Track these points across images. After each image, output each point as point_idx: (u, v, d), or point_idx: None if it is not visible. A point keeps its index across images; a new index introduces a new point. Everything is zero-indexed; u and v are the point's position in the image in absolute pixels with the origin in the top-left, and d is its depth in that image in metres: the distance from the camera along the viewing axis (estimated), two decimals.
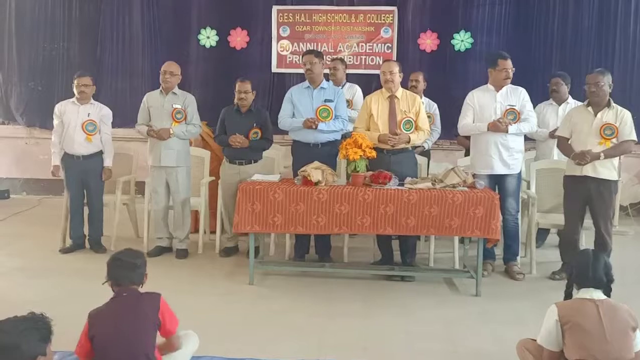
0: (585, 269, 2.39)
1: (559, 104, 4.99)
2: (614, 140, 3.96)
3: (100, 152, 4.72)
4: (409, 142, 4.20)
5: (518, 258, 4.39)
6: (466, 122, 4.33)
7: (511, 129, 4.15)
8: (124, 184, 5.00)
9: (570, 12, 6.57)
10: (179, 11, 6.94)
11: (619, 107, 4.01)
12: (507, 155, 4.21)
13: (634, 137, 3.98)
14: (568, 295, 2.53)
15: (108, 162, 4.75)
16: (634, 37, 6.55)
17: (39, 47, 7.07)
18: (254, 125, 4.60)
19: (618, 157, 4.11)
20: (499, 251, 4.47)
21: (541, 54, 6.49)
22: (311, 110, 4.35)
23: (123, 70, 7.03)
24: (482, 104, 4.28)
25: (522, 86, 4.37)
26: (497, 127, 4.15)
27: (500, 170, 4.23)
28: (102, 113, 4.72)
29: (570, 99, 5.03)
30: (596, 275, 2.37)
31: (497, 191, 4.28)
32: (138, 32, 6.97)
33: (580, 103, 4.93)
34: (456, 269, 4.43)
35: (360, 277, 4.22)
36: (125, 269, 2.42)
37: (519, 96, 4.28)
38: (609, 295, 2.41)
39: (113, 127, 4.92)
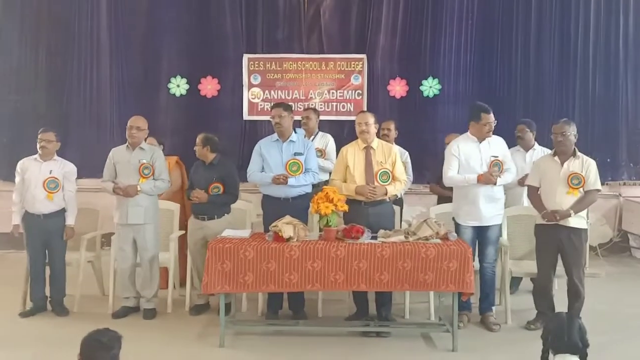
0: (561, 334, 2.36)
1: (526, 150, 5.07)
2: (581, 189, 4.03)
3: (63, 210, 4.56)
4: (386, 194, 4.18)
5: (494, 308, 4.36)
6: (453, 174, 4.28)
7: (499, 181, 4.17)
8: (88, 241, 4.84)
9: (531, 57, 6.77)
10: (148, 60, 6.91)
11: (585, 157, 4.11)
12: (492, 207, 4.22)
13: (598, 186, 4.07)
14: None
15: (70, 220, 4.58)
16: (593, 80, 6.75)
17: (4, 98, 6.92)
18: (214, 179, 4.52)
19: None
20: (474, 299, 4.43)
21: (505, 99, 6.65)
22: (281, 164, 4.31)
23: (91, 121, 6.91)
24: (467, 154, 4.26)
25: None
26: (488, 179, 4.15)
27: (486, 222, 4.23)
28: (65, 170, 4.58)
29: (536, 145, 5.13)
30: (571, 340, 2.35)
31: (477, 240, 4.29)
32: (106, 82, 6.89)
33: (546, 149, 5.07)
34: (432, 322, 4.37)
35: (336, 334, 4.11)
36: (101, 350, 2.33)
37: (500, 146, 4.30)
38: None
39: (80, 178, 4.79)
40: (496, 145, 4.29)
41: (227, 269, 3.80)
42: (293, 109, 6.67)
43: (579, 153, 4.10)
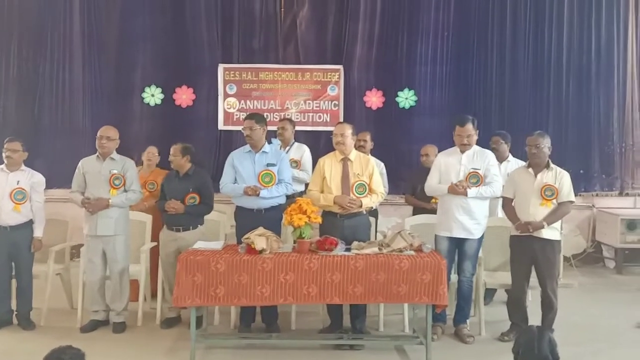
0: (531, 348, 2.35)
1: (500, 162, 5.09)
2: (554, 201, 4.05)
3: (30, 222, 4.44)
4: (361, 206, 4.15)
5: (468, 320, 4.35)
6: (431, 183, 4.33)
7: (470, 193, 4.13)
8: (57, 252, 4.71)
9: (507, 70, 6.85)
10: (122, 69, 6.82)
11: (558, 169, 4.13)
12: (467, 219, 4.17)
13: (572, 198, 4.10)
14: None
15: (38, 232, 4.45)
16: (567, 93, 6.85)
17: None
18: (190, 190, 4.45)
19: None
20: (449, 310, 4.40)
21: (481, 111, 6.70)
22: (253, 175, 4.25)
23: (63, 130, 6.79)
24: (448, 165, 4.27)
25: None
26: (453, 190, 4.15)
27: (459, 234, 4.20)
28: (33, 180, 4.46)
29: (510, 157, 5.16)
30: (541, 354, 2.33)
31: (456, 253, 4.28)
32: (78, 90, 6.78)
33: (520, 161, 5.11)
34: (406, 335, 4.34)
35: (309, 347, 4.05)
36: None
37: (485, 160, 4.25)
38: None
39: (51, 188, 4.67)
40: (481, 158, 4.25)
41: (198, 282, 3.72)
42: (269, 119, 6.70)
43: (552, 165, 4.13)
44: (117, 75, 6.83)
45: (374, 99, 6.87)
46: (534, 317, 4.15)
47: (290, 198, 4.44)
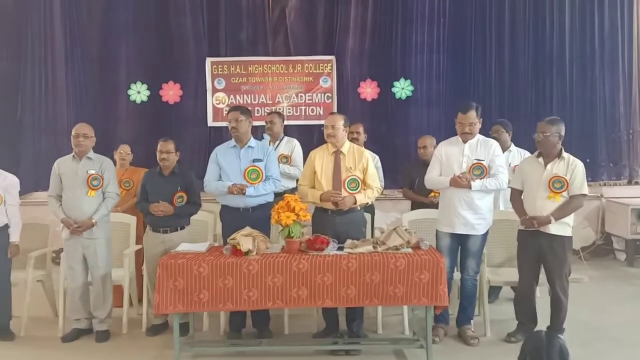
0: (539, 356, 2.09)
1: (502, 152, 4.83)
2: (564, 193, 3.74)
3: (6, 227, 4.19)
4: (355, 203, 3.89)
5: (472, 320, 4.10)
6: (431, 175, 4.05)
7: (475, 185, 3.84)
8: (37, 258, 4.47)
9: (506, 57, 6.63)
10: (106, 65, 6.59)
11: (572, 158, 3.79)
12: (471, 214, 3.88)
13: (585, 190, 3.76)
14: None
15: (15, 237, 4.21)
16: (570, 80, 6.63)
17: None
18: (178, 189, 4.21)
19: None
20: (452, 310, 4.15)
21: (480, 99, 6.42)
22: (239, 172, 4.00)
23: (47, 130, 6.56)
24: (449, 156, 3.99)
25: None
26: (456, 182, 3.87)
27: (461, 230, 3.91)
28: (6, 182, 4.21)
29: (512, 147, 4.92)
30: None
31: (459, 250, 4.02)
32: (62, 88, 6.55)
33: (522, 150, 4.85)
34: (405, 338, 4.09)
35: (302, 354, 3.81)
36: None
37: (489, 150, 3.95)
38: None
39: (35, 190, 4.43)
40: (485, 148, 3.96)
41: (180, 287, 3.48)
42: (260, 114, 6.47)
43: (565, 154, 3.80)
44: (101, 72, 6.61)
45: (368, 90, 6.62)
46: (543, 316, 3.90)
47: (279, 195, 4.19)
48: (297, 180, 4.51)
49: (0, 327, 4.21)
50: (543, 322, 3.88)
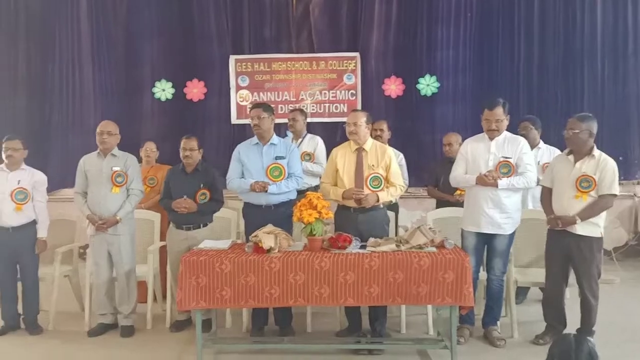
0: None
1: (531, 149, 4.70)
2: (592, 193, 3.61)
3: (34, 223, 4.28)
4: (378, 201, 3.82)
5: (498, 321, 4.00)
6: (457, 173, 3.97)
7: (501, 184, 3.75)
8: (64, 254, 4.55)
9: (535, 52, 6.46)
10: (131, 64, 6.65)
11: (603, 156, 3.65)
12: (497, 213, 3.79)
13: (614, 190, 3.61)
14: None
15: (42, 233, 4.29)
16: (602, 75, 6.43)
17: None
18: (201, 186, 4.21)
19: None
20: (478, 310, 4.07)
21: (507, 96, 6.21)
22: (261, 169, 3.99)
23: (74, 128, 6.65)
24: (475, 154, 3.90)
25: None
26: (483, 180, 3.77)
27: (487, 229, 3.82)
28: (34, 179, 4.29)
29: (541, 144, 4.79)
30: None
31: (485, 250, 3.93)
32: (89, 88, 6.64)
33: (552, 148, 4.71)
34: (429, 338, 4.02)
35: (325, 352, 3.78)
36: None
37: (517, 147, 3.84)
38: None
39: (63, 187, 4.50)
40: (512, 145, 3.86)
41: (202, 284, 3.48)
42: (284, 111, 6.45)
43: (596, 152, 3.66)
44: (126, 71, 6.67)
45: (393, 87, 6.54)
46: (573, 318, 3.78)
47: (302, 193, 4.16)
48: (320, 178, 4.48)
49: (29, 321, 4.31)
50: (573, 324, 3.77)
